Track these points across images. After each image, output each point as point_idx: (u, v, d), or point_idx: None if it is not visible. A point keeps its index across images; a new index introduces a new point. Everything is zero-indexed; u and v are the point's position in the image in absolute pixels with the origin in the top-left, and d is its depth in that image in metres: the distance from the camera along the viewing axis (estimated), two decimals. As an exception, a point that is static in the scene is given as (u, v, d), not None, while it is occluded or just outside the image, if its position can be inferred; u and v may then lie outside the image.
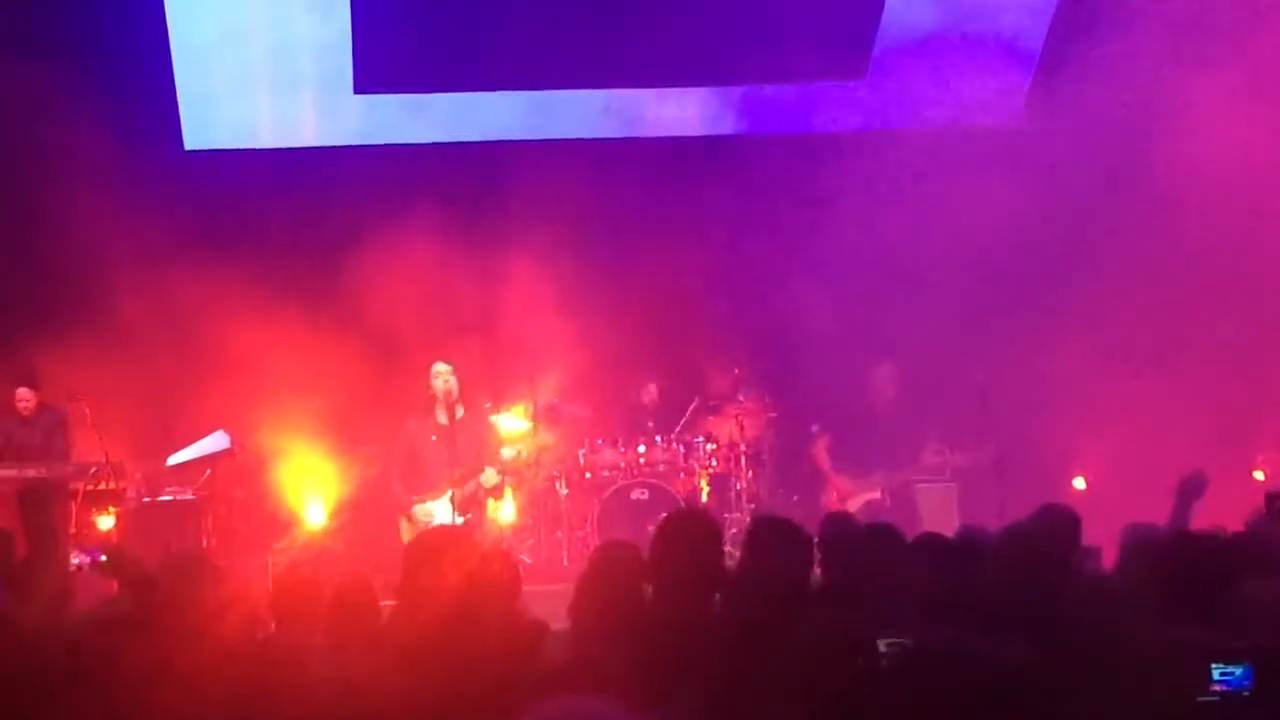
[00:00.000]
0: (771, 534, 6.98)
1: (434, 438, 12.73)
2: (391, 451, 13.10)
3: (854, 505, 13.31)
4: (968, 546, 7.05)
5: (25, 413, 13.63)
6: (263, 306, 13.93)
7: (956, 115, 15.33)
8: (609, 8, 14.45)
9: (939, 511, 12.96)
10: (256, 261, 14.47)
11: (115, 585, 9.04)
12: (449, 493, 12.45)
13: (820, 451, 14.01)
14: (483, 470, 12.73)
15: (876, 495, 13.61)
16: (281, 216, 14.88)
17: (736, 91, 15.59)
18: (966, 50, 15.25)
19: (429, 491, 12.67)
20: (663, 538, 6.32)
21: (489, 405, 13.74)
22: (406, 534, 12.55)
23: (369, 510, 13.89)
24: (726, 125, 15.60)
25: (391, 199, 14.67)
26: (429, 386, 12.86)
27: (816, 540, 7.44)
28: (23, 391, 13.64)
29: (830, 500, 13.66)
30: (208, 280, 14.31)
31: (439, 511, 12.55)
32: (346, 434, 14.42)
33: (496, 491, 12.96)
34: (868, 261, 14.46)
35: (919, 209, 14.43)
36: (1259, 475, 14.14)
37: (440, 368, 12.82)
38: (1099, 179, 14.31)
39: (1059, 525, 7.50)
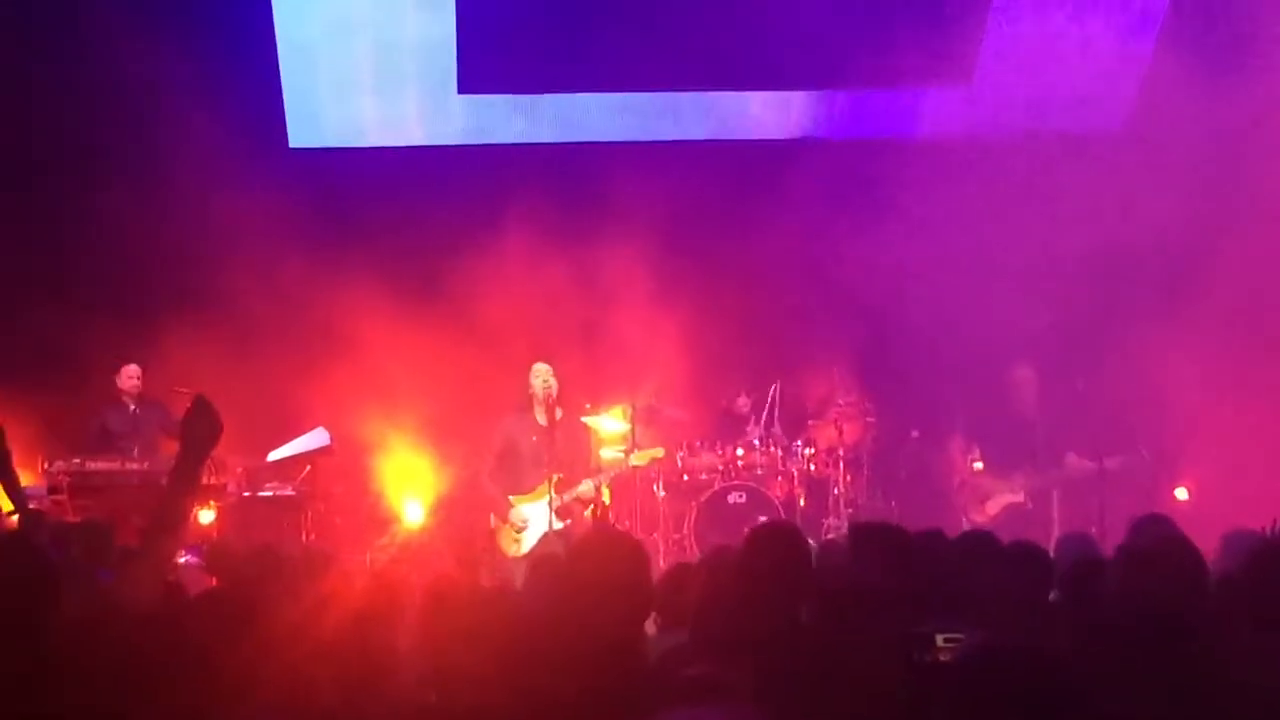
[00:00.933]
0: (874, 541, 6.93)
1: (534, 438, 12.72)
2: (487, 446, 13.09)
3: (994, 508, 13.26)
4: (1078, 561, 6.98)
5: (132, 391, 13.74)
6: (364, 304, 14.01)
7: (1063, 120, 15.23)
8: (713, 11, 14.41)
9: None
10: (359, 259, 14.54)
11: (214, 580, 9.11)
12: (547, 497, 12.42)
13: (957, 453, 13.80)
14: (580, 481, 12.72)
15: (1019, 499, 13.38)
16: (385, 215, 14.95)
17: (840, 96, 15.54)
18: (1073, 55, 15.13)
19: (524, 491, 12.66)
20: (751, 551, 6.29)
21: (588, 406, 13.73)
22: (498, 532, 12.57)
23: (467, 508, 13.92)
24: (829, 129, 15.56)
25: (494, 199, 14.72)
26: (529, 386, 12.86)
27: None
28: (131, 369, 13.78)
29: (966, 502, 13.54)
30: (310, 277, 14.42)
31: (535, 515, 12.54)
32: (446, 432, 14.47)
33: (592, 501, 12.93)
34: (972, 266, 14.36)
35: (1027, 214, 14.32)
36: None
37: (540, 368, 12.82)
38: (1205, 187, 14.14)
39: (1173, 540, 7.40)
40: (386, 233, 14.90)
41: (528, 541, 12.56)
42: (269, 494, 13.97)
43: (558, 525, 12.37)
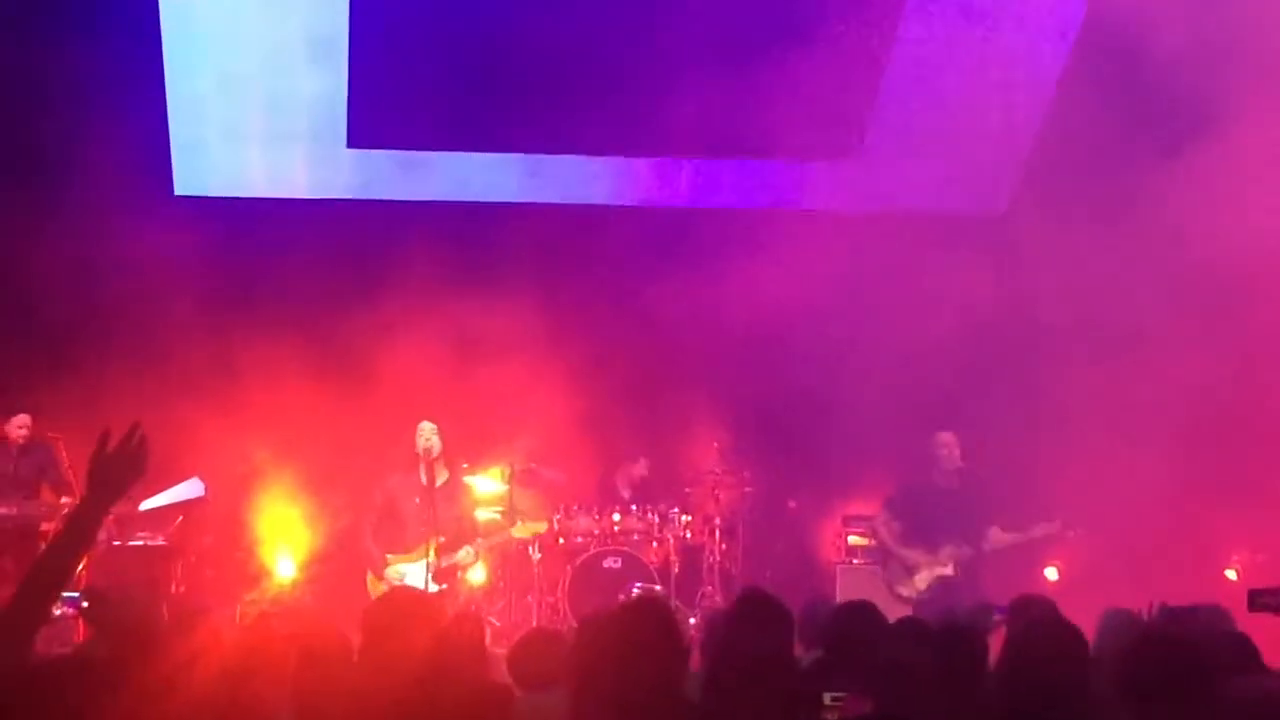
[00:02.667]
0: (756, 609, 6.95)
1: (417, 499, 12.68)
2: (368, 504, 13.02)
3: (923, 582, 13.06)
4: (953, 632, 7.01)
5: (20, 440, 13.57)
6: (245, 354, 13.93)
7: (948, 200, 15.44)
8: (605, 76, 14.48)
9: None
10: (241, 309, 14.48)
11: (86, 630, 8.98)
12: (425, 559, 12.39)
13: (880, 526, 13.49)
14: (461, 548, 12.71)
15: (949, 571, 13.10)
16: (269, 266, 14.87)
17: (728, 165, 15.66)
18: (957, 138, 15.34)
19: (404, 551, 12.61)
20: (624, 624, 6.28)
21: (466, 466, 13.68)
22: (374, 590, 12.49)
23: (340, 564, 13.82)
24: (718, 198, 15.66)
25: (380, 254, 14.73)
26: (413, 444, 12.83)
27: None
28: (22, 418, 13.61)
29: (893, 577, 13.26)
30: (191, 325, 14.33)
31: (412, 575, 12.49)
32: (322, 487, 14.38)
33: (470, 566, 12.92)
34: (857, 338, 14.52)
35: (907, 289, 14.49)
36: (1231, 574, 14.13)
37: (424, 426, 12.80)
38: (1076, 271, 14.37)
39: (1040, 615, 7.47)
40: (270, 283, 14.82)
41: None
42: (140, 543, 13.80)
43: (433, 588, 12.31)
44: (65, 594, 12.17)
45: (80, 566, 12.99)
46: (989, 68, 14.99)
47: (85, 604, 10.86)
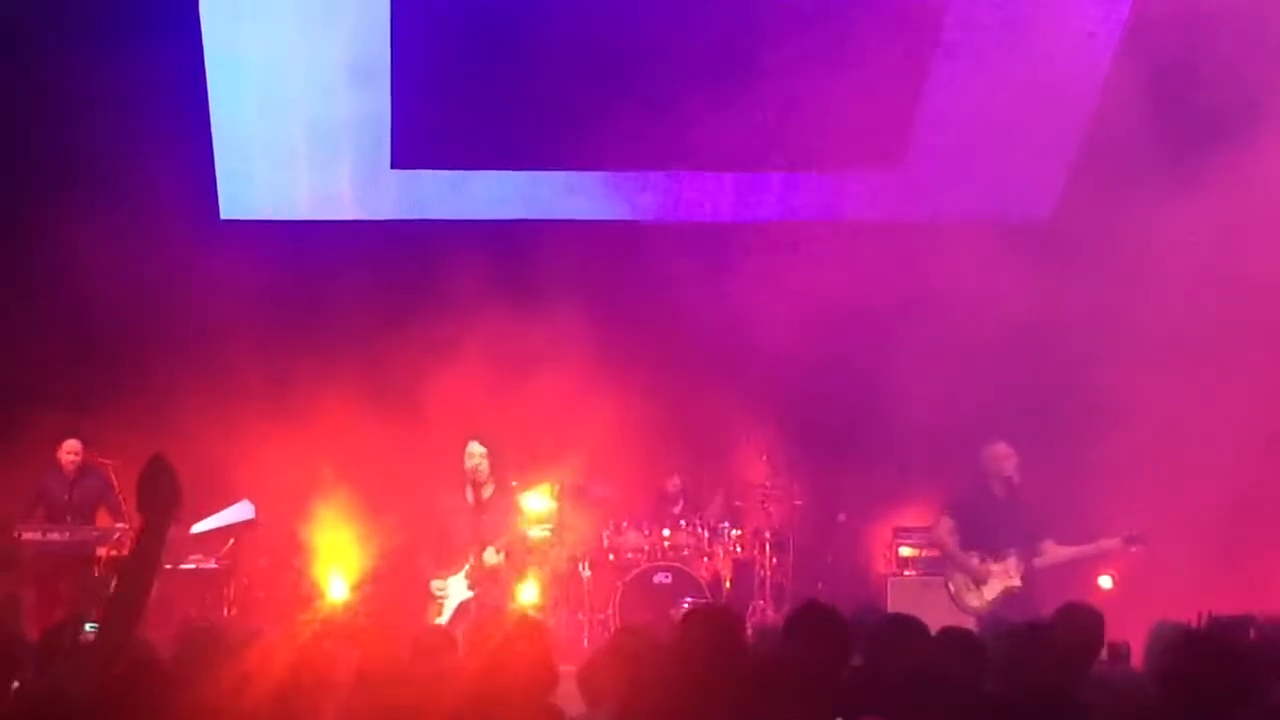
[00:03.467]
0: (811, 622, 6.94)
1: (464, 515, 12.71)
2: (425, 528, 13.04)
3: (991, 593, 12.82)
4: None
5: (70, 466, 13.65)
6: (294, 376, 13.98)
7: (990, 208, 15.40)
8: (646, 91, 14.47)
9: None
10: (289, 331, 14.55)
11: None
12: (465, 568, 12.43)
13: (944, 533, 13.21)
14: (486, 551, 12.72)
15: (1016, 582, 12.80)
16: (316, 288, 14.93)
17: (772, 178, 15.65)
18: (1000, 145, 15.29)
19: (451, 567, 12.64)
20: (687, 631, 6.28)
21: (515, 484, 13.69)
22: (430, 610, 12.52)
23: (392, 584, 13.85)
24: (761, 210, 15.65)
25: (426, 274, 14.76)
26: (463, 463, 12.86)
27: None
28: (71, 443, 13.70)
29: (959, 588, 13.01)
30: (240, 348, 14.38)
31: (453, 587, 12.51)
32: (374, 507, 14.40)
33: (512, 572, 12.85)
34: (903, 349, 14.49)
35: (952, 298, 14.44)
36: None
37: (473, 448, 12.81)
38: (1125, 277, 14.33)
39: (1082, 626, 7.45)
40: (317, 305, 14.88)
41: (446, 610, 12.55)
42: (192, 566, 13.87)
43: (467, 594, 12.35)
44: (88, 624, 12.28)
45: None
46: (1031, 74, 14.92)
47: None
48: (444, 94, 14.71)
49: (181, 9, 14.22)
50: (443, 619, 12.48)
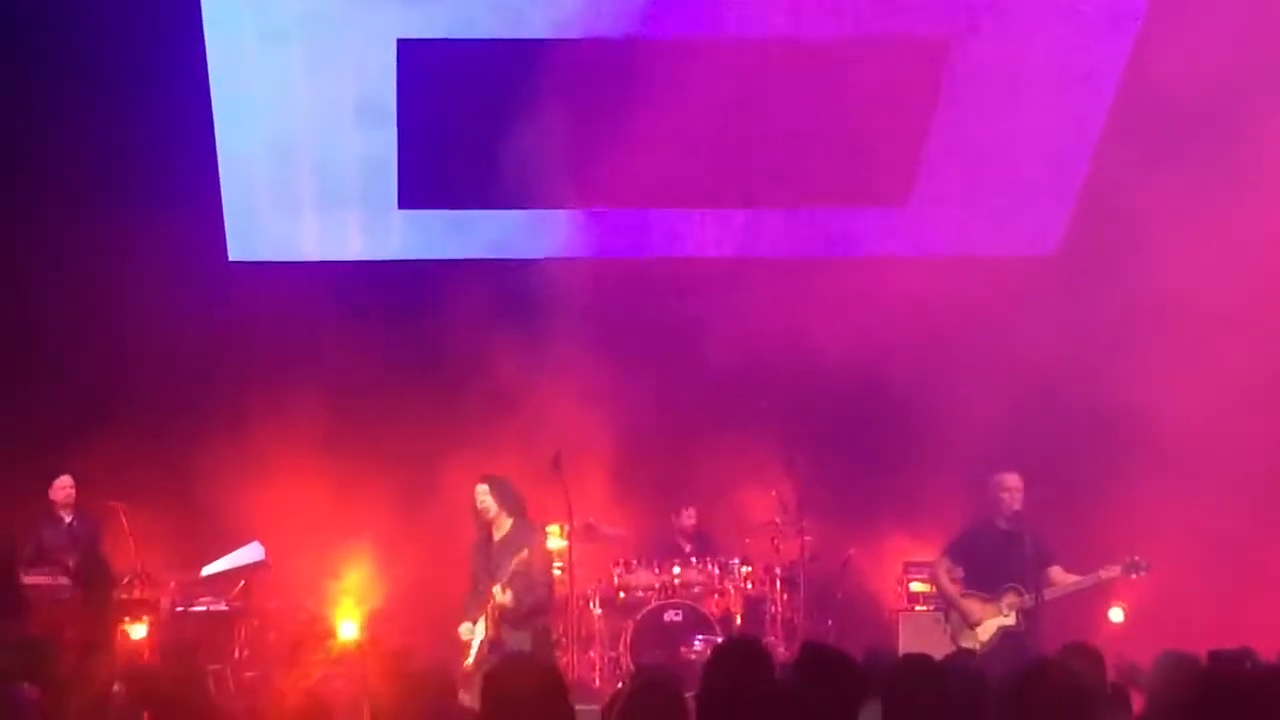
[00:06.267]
0: (820, 661, 6.92)
1: (484, 557, 12.59)
2: (468, 574, 12.84)
3: (985, 634, 12.54)
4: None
5: (65, 502, 13.57)
6: (303, 418, 13.98)
7: (997, 244, 15.45)
8: (652, 130, 14.50)
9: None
10: (296, 372, 14.55)
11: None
12: (487, 609, 12.33)
13: (942, 574, 12.99)
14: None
15: (1011, 621, 12.52)
16: (323, 328, 14.93)
17: (776, 214, 15.68)
18: (1005, 181, 15.34)
19: (477, 610, 12.47)
20: (714, 667, 6.25)
21: (526, 521, 13.62)
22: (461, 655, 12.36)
23: (404, 623, 13.83)
24: (767, 247, 15.67)
25: (434, 313, 14.78)
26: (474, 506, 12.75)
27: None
28: (64, 480, 13.62)
29: (955, 629, 12.75)
30: (247, 389, 14.42)
31: (478, 629, 12.39)
32: (383, 548, 14.41)
33: (520, 610, 12.68)
34: (911, 385, 14.52)
35: (961, 333, 14.47)
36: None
37: (478, 489, 12.69)
38: (1131, 309, 14.36)
39: (1084, 665, 7.41)
40: (325, 346, 14.87)
41: (472, 653, 12.44)
42: (202, 609, 13.86)
43: (483, 635, 12.24)
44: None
45: (143, 634, 13.19)
46: (1035, 112, 15.00)
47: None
48: (449, 134, 14.76)
49: (188, 51, 14.30)
50: (469, 661, 12.34)
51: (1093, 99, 14.96)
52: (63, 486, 13.74)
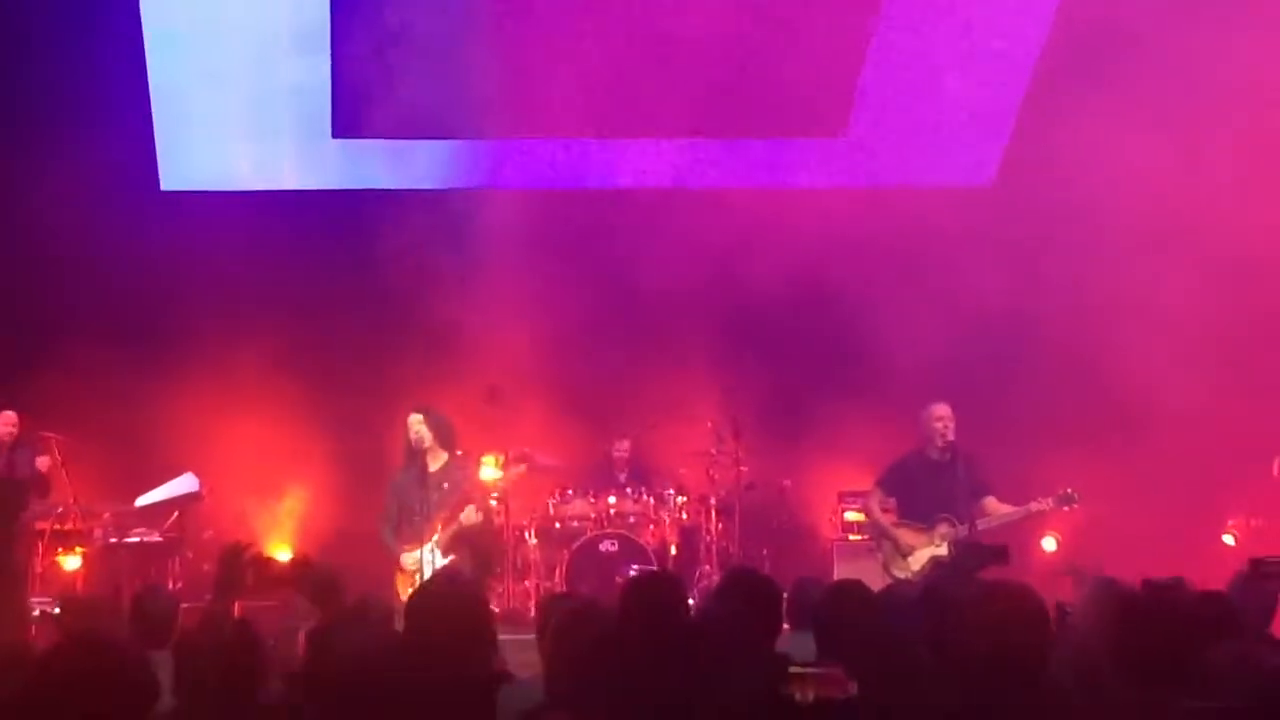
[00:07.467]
0: (742, 588, 6.96)
1: (417, 488, 12.58)
2: (384, 507, 12.87)
3: (917, 563, 12.63)
4: (936, 601, 7.00)
5: (5, 439, 13.47)
6: (235, 347, 13.93)
7: (936, 174, 15.47)
8: (587, 59, 14.46)
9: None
10: (230, 302, 14.48)
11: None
12: (433, 538, 12.34)
13: (874, 505, 13.07)
14: (461, 510, 12.57)
15: (943, 551, 12.55)
16: (257, 258, 14.82)
17: (713, 144, 15.64)
18: (942, 112, 15.35)
19: (417, 541, 12.48)
20: (629, 598, 6.27)
21: (460, 454, 13.64)
22: (401, 586, 12.39)
23: (341, 555, 13.80)
24: (704, 177, 15.64)
25: (368, 243, 14.71)
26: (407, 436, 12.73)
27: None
28: (7, 415, 13.50)
29: (887, 558, 12.79)
30: (179, 320, 14.34)
31: (425, 558, 12.39)
32: (317, 478, 14.39)
33: (482, 529, 12.74)
34: (848, 313, 14.55)
35: (897, 263, 14.51)
36: (1229, 539, 14.16)
37: (412, 418, 12.68)
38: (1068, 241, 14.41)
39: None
40: (259, 275, 14.79)
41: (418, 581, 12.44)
42: (136, 540, 13.79)
43: (442, 562, 12.26)
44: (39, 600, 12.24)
45: (77, 565, 13.14)
46: (971, 42, 14.99)
47: (58, 610, 10.88)
48: (384, 63, 14.64)
49: (119, -22, 14.15)
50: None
51: (1028, 27, 14.95)
52: (5, 423, 13.60)
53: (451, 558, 12.40)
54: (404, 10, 14.51)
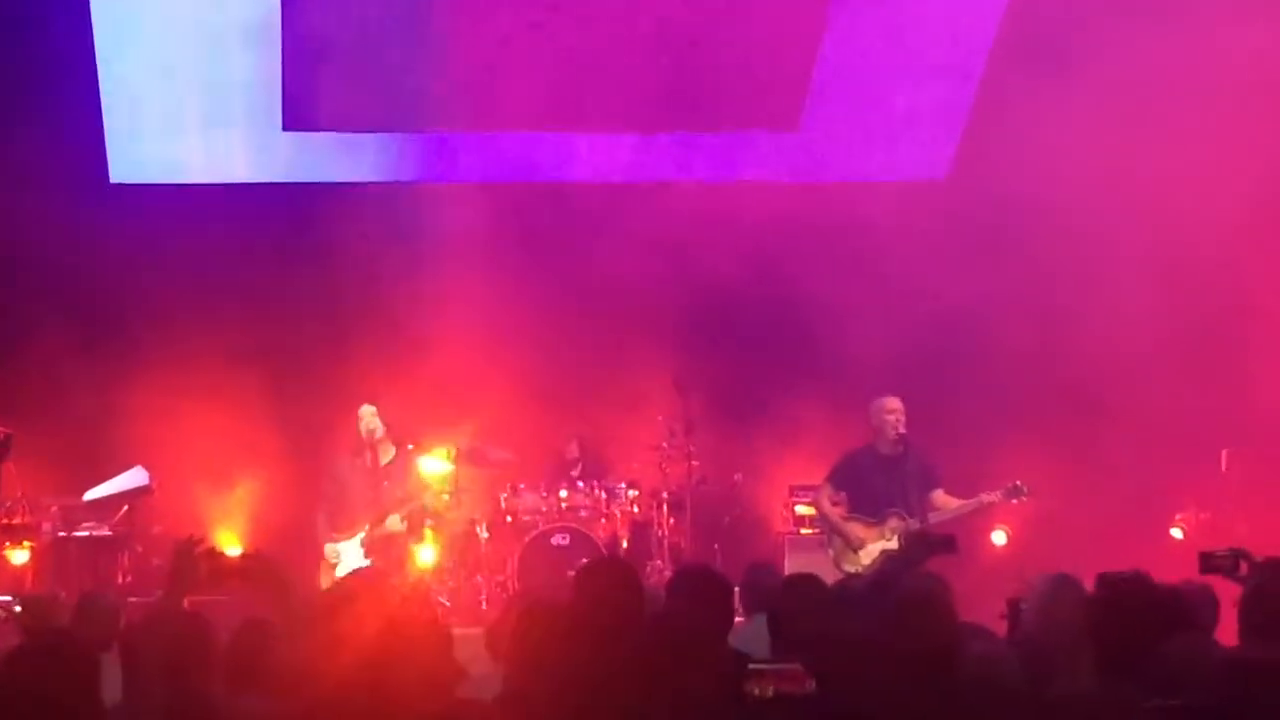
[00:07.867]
0: (694, 582, 6.97)
1: (362, 479, 12.61)
2: (320, 491, 12.92)
3: (868, 557, 12.67)
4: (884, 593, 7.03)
5: None
6: (185, 340, 13.87)
7: (887, 168, 15.49)
8: (540, 52, 14.45)
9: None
10: (181, 295, 14.41)
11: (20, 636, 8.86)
12: (360, 534, 12.35)
13: (824, 499, 13.08)
14: (402, 508, 12.60)
15: (894, 545, 12.57)
16: (207, 251, 14.75)
17: (665, 139, 15.62)
18: (894, 106, 15.38)
19: (348, 531, 12.56)
20: (581, 586, 6.27)
21: (411, 447, 13.64)
22: (322, 574, 12.43)
23: (290, 548, 13.76)
24: (657, 171, 15.63)
25: (320, 236, 14.67)
26: (357, 428, 12.76)
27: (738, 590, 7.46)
28: None
29: (838, 552, 12.83)
30: (128, 313, 14.26)
31: (348, 552, 12.43)
32: (267, 472, 14.33)
33: (410, 536, 12.77)
34: (800, 308, 14.56)
35: (849, 257, 14.52)
36: (1176, 533, 14.22)
37: (365, 410, 12.72)
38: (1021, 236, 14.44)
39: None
40: (209, 268, 14.72)
41: (338, 575, 12.45)
42: (85, 534, 13.69)
43: (364, 563, 12.28)
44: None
45: (25, 559, 13.04)
46: (924, 36, 15.02)
47: (18, 608, 10.80)
48: (334, 56, 14.58)
49: (69, -31, 14.05)
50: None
51: (980, 20, 14.98)
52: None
53: (372, 561, 12.40)
54: (355, 3, 14.46)
